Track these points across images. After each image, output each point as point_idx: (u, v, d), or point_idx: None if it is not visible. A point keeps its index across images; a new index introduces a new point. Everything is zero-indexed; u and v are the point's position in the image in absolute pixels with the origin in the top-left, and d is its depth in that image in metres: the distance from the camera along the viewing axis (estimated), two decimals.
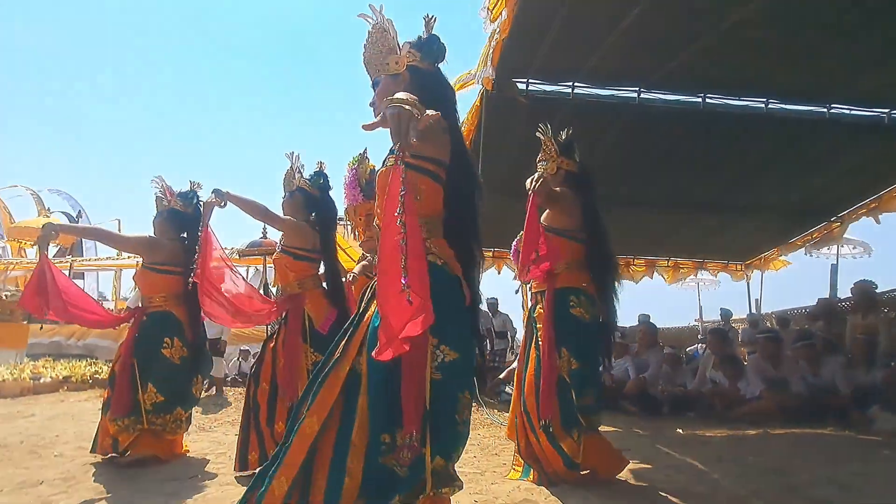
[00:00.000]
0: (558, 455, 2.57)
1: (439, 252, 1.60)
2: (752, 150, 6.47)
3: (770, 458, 3.30)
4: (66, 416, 4.39)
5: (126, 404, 2.93)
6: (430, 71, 1.70)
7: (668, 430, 4.31)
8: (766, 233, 9.21)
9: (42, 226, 3.05)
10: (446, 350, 1.52)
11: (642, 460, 3.21)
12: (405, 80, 1.67)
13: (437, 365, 1.51)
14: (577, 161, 2.88)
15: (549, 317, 2.63)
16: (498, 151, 5.05)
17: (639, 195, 7.66)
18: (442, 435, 1.51)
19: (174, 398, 3.04)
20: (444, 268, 1.58)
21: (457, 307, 1.58)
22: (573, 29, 4.50)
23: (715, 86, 5.48)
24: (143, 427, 2.95)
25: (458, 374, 1.54)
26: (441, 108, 1.60)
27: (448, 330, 1.53)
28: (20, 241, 14.26)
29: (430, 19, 1.70)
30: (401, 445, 1.46)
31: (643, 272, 11.28)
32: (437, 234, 1.63)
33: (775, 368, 5.11)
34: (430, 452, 1.48)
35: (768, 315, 9.83)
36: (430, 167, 1.61)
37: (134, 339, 3.08)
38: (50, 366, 7.01)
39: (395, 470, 1.46)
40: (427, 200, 1.60)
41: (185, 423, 3.15)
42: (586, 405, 2.60)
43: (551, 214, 2.80)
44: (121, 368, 3.05)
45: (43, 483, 2.67)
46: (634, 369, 5.66)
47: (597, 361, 2.74)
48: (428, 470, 1.48)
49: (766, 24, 4.39)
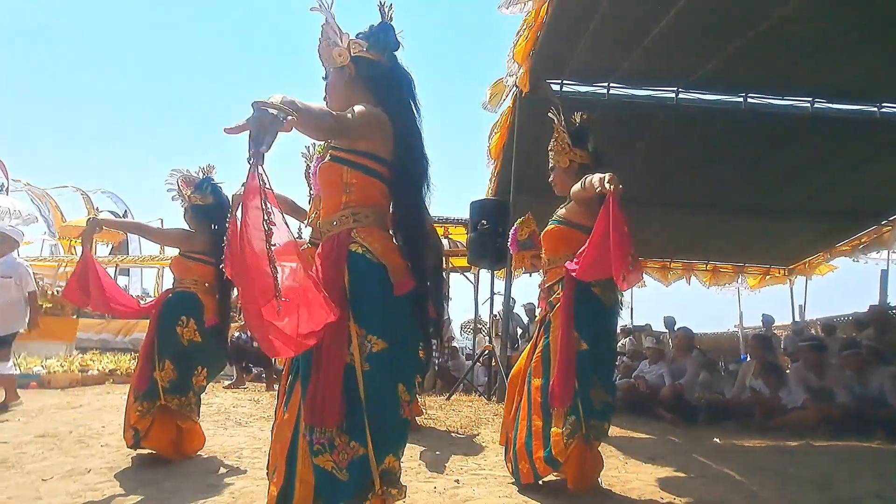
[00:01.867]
0: (542, 447, 2.46)
1: (365, 240, 1.57)
2: (797, 151, 6.27)
3: (812, 471, 3.18)
4: (112, 408, 4.56)
5: (146, 380, 2.99)
6: (378, 61, 1.67)
7: (704, 439, 4.21)
8: (810, 236, 8.91)
9: (87, 220, 3.15)
10: (373, 340, 1.49)
11: (677, 469, 3.15)
12: (350, 72, 1.66)
13: (365, 356, 1.48)
14: (589, 151, 2.75)
15: (569, 294, 2.50)
16: (531, 154, 5.03)
17: (676, 197, 7.53)
18: (387, 429, 1.49)
19: (186, 380, 3.05)
20: (364, 256, 1.56)
21: (381, 296, 1.54)
22: (609, 29, 4.45)
23: (757, 85, 5.35)
24: (161, 403, 2.96)
25: (388, 364, 1.50)
26: (390, 99, 1.64)
27: (374, 320, 1.51)
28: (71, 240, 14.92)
29: (386, 7, 1.66)
30: (338, 445, 1.44)
31: (680, 275, 11.06)
32: (369, 223, 1.60)
33: (820, 378, 4.92)
34: (375, 452, 1.46)
35: (813, 322, 9.49)
36: (360, 160, 1.60)
37: (157, 315, 3.16)
38: (97, 359, 7.31)
39: (335, 474, 1.44)
40: (359, 193, 1.61)
41: (196, 409, 3.12)
42: (592, 399, 2.45)
43: (576, 210, 2.67)
44: (144, 345, 3.14)
45: (90, 471, 2.79)
46: (670, 375, 5.54)
47: (609, 347, 2.65)
48: (375, 471, 1.46)
49: (810, 20, 4.25)
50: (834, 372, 5.00)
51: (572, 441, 2.42)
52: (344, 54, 1.64)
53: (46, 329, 7.97)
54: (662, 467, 3.16)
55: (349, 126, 1.51)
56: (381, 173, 1.62)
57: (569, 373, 2.42)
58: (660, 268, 11.00)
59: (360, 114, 1.53)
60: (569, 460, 2.46)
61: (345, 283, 1.53)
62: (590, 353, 2.48)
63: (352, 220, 1.59)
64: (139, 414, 2.96)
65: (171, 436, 3.06)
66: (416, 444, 3.56)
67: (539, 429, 2.52)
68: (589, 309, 2.52)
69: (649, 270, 11.08)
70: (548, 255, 2.81)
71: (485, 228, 5.63)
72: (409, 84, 1.71)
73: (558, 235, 2.73)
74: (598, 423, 2.50)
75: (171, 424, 3.05)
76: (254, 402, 5.18)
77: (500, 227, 5.58)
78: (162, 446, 3.03)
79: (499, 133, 5.99)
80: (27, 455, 3.06)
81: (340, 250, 1.56)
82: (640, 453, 3.47)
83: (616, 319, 2.72)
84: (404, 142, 1.64)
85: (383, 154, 1.62)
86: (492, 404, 5.35)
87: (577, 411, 2.44)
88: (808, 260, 10.00)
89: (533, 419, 2.56)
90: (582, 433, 2.43)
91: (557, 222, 2.76)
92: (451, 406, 5.31)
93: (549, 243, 2.79)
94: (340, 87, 1.69)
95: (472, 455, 3.33)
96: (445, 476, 2.84)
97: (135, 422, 2.96)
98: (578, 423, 2.43)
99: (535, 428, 2.53)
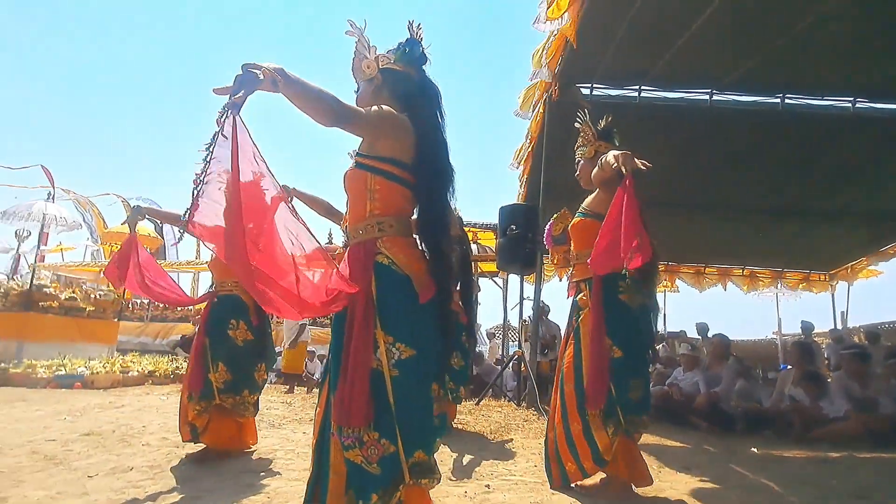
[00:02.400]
0: (588, 447, 2.49)
1: (390, 251, 1.64)
2: (838, 153, 6.08)
3: (855, 483, 3.07)
4: (152, 409, 4.71)
5: (199, 381, 3.10)
6: (405, 72, 1.75)
7: (741, 449, 4.10)
8: (853, 240, 8.61)
9: (132, 208, 3.30)
10: (402, 347, 1.56)
11: (713, 479, 3.07)
12: (378, 82, 1.75)
13: (394, 362, 1.55)
14: (616, 146, 2.76)
15: (597, 303, 2.53)
16: (561, 159, 5.01)
17: (710, 200, 7.40)
18: (415, 429, 1.57)
19: (240, 379, 3.16)
20: (390, 267, 1.62)
21: (407, 305, 1.60)
22: (641, 32, 4.41)
23: (795, 85, 5.21)
24: (216, 402, 3.08)
25: (418, 370, 1.58)
26: (413, 108, 1.70)
27: (401, 328, 1.58)
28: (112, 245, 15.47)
29: (415, 26, 1.76)
30: (367, 442, 1.51)
31: (716, 281, 10.82)
32: (393, 233, 1.66)
33: (863, 387, 4.74)
34: (404, 449, 1.53)
35: (855, 329, 9.15)
36: (383, 167, 1.65)
37: (206, 320, 3.26)
38: (137, 360, 7.56)
39: (365, 468, 1.52)
40: (383, 200, 1.66)
41: (252, 408, 3.25)
42: (629, 401, 2.50)
43: (600, 199, 2.67)
44: (195, 347, 3.24)
45: (133, 469, 2.89)
46: (705, 383, 5.42)
47: (642, 353, 2.64)
48: (405, 465, 1.54)
49: (850, 18, 4.13)
50: (878, 381, 4.81)
51: (616, 438, 2.48)
52: (372, 66, 1.74)
53: (89, 331, 8.33)
54: (698, 477, 3.10)
55: (360, 115, 1.54)
56: (405, 179, 1.67)
57: (601, 378, 2.45)
58: (694, 273, 10.79)
59: (378, 109, 1.60)
60: (617, 458, 2.50)
61: (372, 292, 1.59)
62: (624, 360, 2.51)
63: (377, 230, 1.66)
64: (196, 412, 3.08)
65: (230, 432, 3.22)
66: (448, 447, 3.57)
67: (579, 432, 2.54)
68: (618, 316, 2.53)
69: (683, 276, 10.88)
70: (575, 249, 2.82)
71: (514, 233, 5.62)
72: (435, 95, 1.78)
73: (582, 227, 2.74)
74: (635, 417, 2.55)
75: (229, 421, 3.20)
76: (286, 405, 5.28)
77: (529, 232, 5.55)
78: (220, 441, 3.16)
79: (529, 138, 5.99)
80: (73, 453, 3.18)
81: (367, 260, 1.63)
82: (675, 462, 3.41)
83: (647, 318, 2.68)
84: (429, 150, 1.69)
85: (405, 159, 1.67)
86: (521, 410, 5.33)
87: (616, 414, 2.49)
88: (850, 265, 9.66)
89: (571, 423, 2.58)
90: (623, 428, 2.50)
91: (582, 214, 2.77)
92: (481, 411, 5.30)
93: (576, 236, 2.80)
94: (368, 96, 1.76)
95: (504, 460, 3.32)
96: (476, 481, 2.84)
97: (192, 418, 3.10)
98: (618, 423, 2.49)
99: (575, 431, 2.56)
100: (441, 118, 1.76)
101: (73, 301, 8.28)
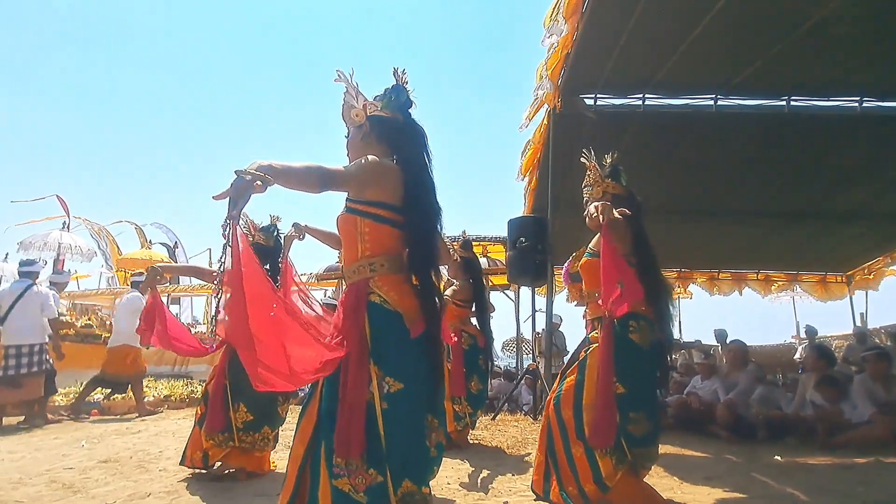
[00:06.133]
0: (590, 470, 2.44)
1: (381, 290, 1.71)
2: (848, 153, 6.03)
3: (882, 490, 2.99)
4: (168, 433, 4.73)
5: (220, 421, 3.17)
6: (392, 118, 1.84)
7: (764, 457, 4.02)
8: (869, 241, 8.48)
9: (147, 269, 3.42)
10: (391, 381, 1.63)
11: (735, 489, 3.01)
12: (366, 129, 1.84)
13: (383, 395, 1.61)
14: (623, 185, 2.79)
15: (607, 341, 2.50)
16: (567, 170, 5.02)
17: (720, 206, 7.34)
18: (404, 460, 1.61)
19: (262, 417, 3.25)
20: (383, 305, 1.70)
21: (397, 342, 1.67)
22: (642, 40, 4.42)
23: (800, 87, 5.18)
24: (235, 444, 3.17)
25: (407, 402, 1.63)
26: (401, 151, 1.81)
27: (390, 363, 1.64)
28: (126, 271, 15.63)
29: (399, 72, 1.86)
30: (354, 470, 1.55)
31: (731, 287, 10.69)
32: (384, 271, 1.73)
33: (887, 390, 4.64)
34: (392, 480, 1.57)
35: (876, 330, 8.98)
36: (371, 210, 1.73)
37: (227, 362, 3.31)
38: (152, 385, 7.59)
39: (352, 496, 1.54)
40: (373, 241, 1.74)
41: (272, 441, 3.34)
42: (633, 434, 2.45)
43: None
44: (215, 388, 3.29)
45: (150, 495, 2.89)
46: (724, 391, 5.33)
47: (649, 387, 2.60)
48: (392, 495, 1.56)
49: (854, 18, 4.11)
50: None
51: (621, 467, 2.43)
52: (360, 114, 1.84)
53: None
54: (720, 488, 3.04)
55: (344, 175, 1.63)
56: (394, 219, 1.74)
57: (610, 419, 2.40)
58: (707, 279, 10.67)
59: (362, 163, 1.68)
60: (617, 488, 2.43)
61: (365, 329, 1.67)
62: (628, 396, 2.47)
63: (368, 271, 1.73)
64: (214, 443, 3.16)
65: (246, 460, 3.28)
66: (465, 463, 3.54)
67: (582, 454, 2.50)
68: (627, 355, 2.49)
69: (697, 282, 10.76)
70: (587, 288, 2.83)
71: (524, 245, 5.61)
72: (421, 138, 1.85)
73: (589, 267, 2.76)
74: (642, 450, 2.49)
75: (248, 455, 3.27)
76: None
77: (538, 243, 5.55)
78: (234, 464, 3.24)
79: (532, 149, 6.00)
80: (91, 480, 3.20)
81: (360, 300, 1.71)
82: (696, 473, 3.35)
83: (662, 355, 2.65)
84: (415, 191, 1.76)
85: (393, 200, 1.74)
86: (538, 424, 5.26)
87: (621, 447, 2.44)
88: (868, 265, 9.52)
89: (573, 447, 2.54)
90: (628, 461, 2.44)
91: (590, 255, 2.80)
92: (497, 426, 5.25)
93: (585, 276, 2.82)
94: (358, 142, 1.86)
95: (521, 475, 3.28)
96: (493, 497, 2.81)
97: (207, 447, 3.18)
98: (623, 455, 2.44)
99: (577, 454, 2.51)
100: (427, 159, 1.84)
101: (89, 328, 8.36)
